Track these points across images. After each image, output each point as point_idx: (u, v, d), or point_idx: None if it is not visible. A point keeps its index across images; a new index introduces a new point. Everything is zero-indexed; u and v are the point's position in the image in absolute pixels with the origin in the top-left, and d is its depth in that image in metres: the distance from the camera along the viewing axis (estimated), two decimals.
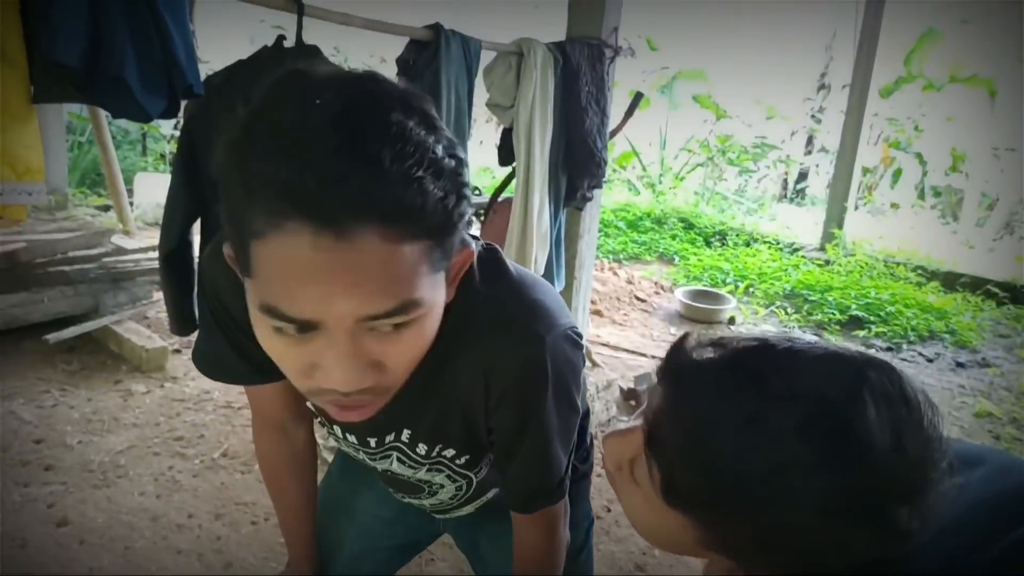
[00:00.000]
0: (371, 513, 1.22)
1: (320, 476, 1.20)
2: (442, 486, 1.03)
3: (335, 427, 0.97)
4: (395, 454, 0.97)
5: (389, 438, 0.94)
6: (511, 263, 0.87)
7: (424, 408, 0.88)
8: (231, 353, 0.91)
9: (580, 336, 0.88)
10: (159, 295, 3.46)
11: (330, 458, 1.29)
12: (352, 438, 0.96)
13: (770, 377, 0.59)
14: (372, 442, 0.95)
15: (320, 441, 1.84)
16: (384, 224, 0.58)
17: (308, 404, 1.00)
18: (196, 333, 0.98)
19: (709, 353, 0.64)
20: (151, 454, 2.58)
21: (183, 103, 1.75)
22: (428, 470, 0.98)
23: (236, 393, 2.99)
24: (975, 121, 7.57)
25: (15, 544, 2.06)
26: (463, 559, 1.33)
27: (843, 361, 0.60)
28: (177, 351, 3.32)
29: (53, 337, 3.13)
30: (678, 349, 0.67)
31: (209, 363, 0.95)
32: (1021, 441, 3.30)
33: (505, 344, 0.82)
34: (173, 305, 2.10)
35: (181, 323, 2.12)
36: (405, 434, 0.93)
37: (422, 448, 0.94)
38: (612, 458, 0.74)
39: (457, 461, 0.96)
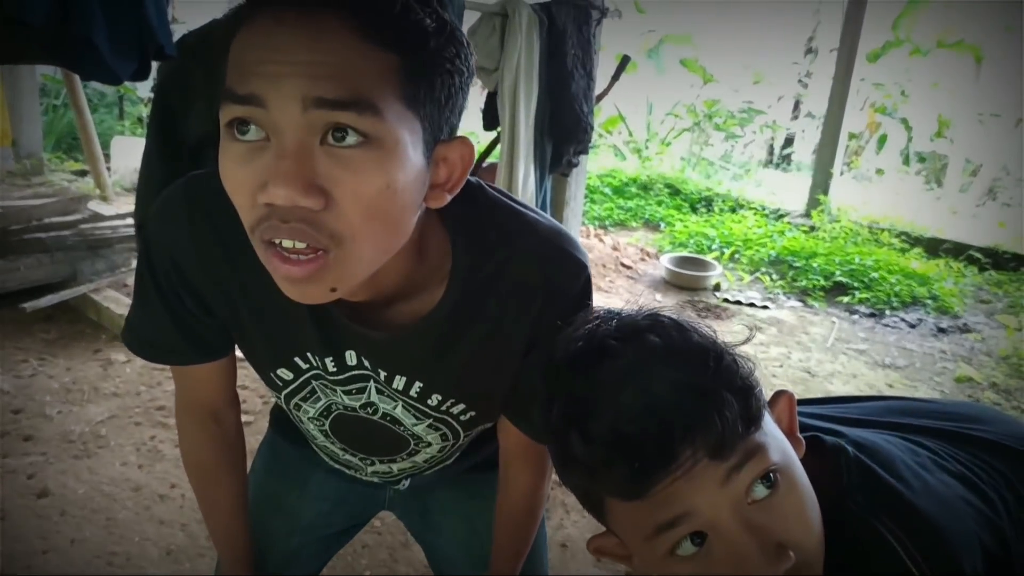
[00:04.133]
0: (306, 507, 1.15)
1: None
2: (429, 444, 0.98)
3: (347, 353, 0.85)
4: (402, 400, 0.91)
5: (400, 383, 0.87)
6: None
7: (454, 349, 0.83)
8: (172, 329, 0.86)
9: None
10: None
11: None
12: (368, 363, 0.87)
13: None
14: (388, 377, 0.87)
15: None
16: (351, 13, 0.59)
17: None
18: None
19: None
20: (132, 424, 2.56)
21: (155, 65, 1.69)
22: (429, 425, 0.94)
23: None
24: (961, 87, 7.55)
25: None
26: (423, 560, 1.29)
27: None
28: None
29: (30, 306, 3.08)
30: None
31: (144, 342, 0.89)
32: (1000, 405, 3.34)
33: (561, 279, 0.81)
34: None
35: None
36: (416, 387, 0.87)
37: (434, 400, 0.89)
38: (615, 555, 0.76)
39: (462, 418, 0.93)
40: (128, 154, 5.40)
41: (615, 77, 3.05)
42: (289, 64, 0.59)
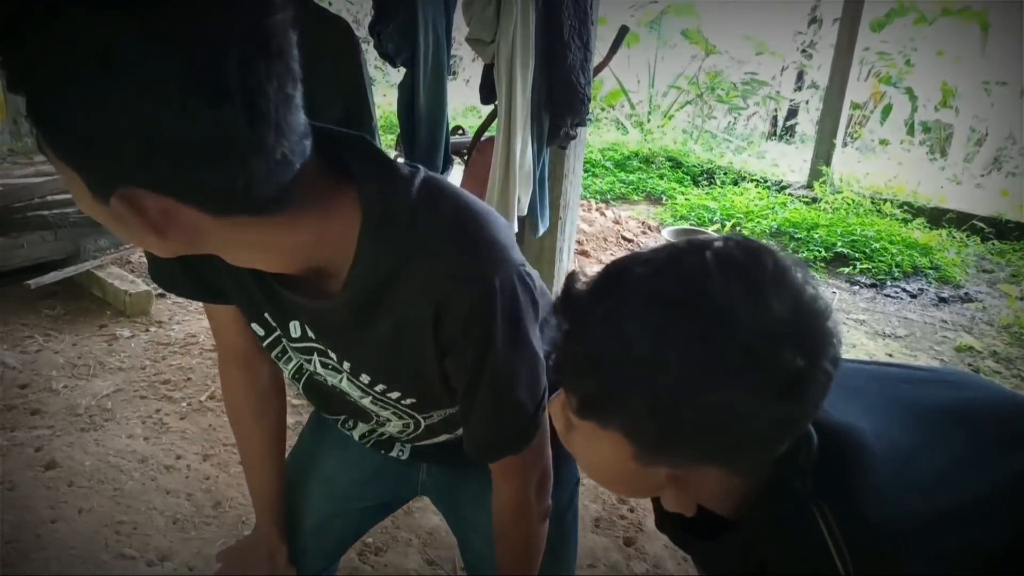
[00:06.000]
0: (342, 474, 1.17)
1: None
2: (388, 420, 0.99)
3: (291, 324, 0.87)
4: (345, 373, 0.91)
5: (334, 357, 0.89)
6: (463, 194, 0.83)
7: (369, 327, 0.82)
8: (180, 270, 0.89)
9: (531, 276, 0.83)
10: None
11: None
12: (312, 333, 0.88)
13: (623, 277, 0.65)
14: (330, 353, 0.89)
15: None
16: None
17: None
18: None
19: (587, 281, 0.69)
20: (138, 397, 2.59)
21: None
22: (373, 401, 0.94)
23: None
24: (966, 55, 7.46)
25: (3, 487, 2.08)
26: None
27: (688, 249, 0.64)
28: (161, 295, 3.30)
29: (35, 282, 3.10)
30: (566, 285, 0.70)
31: (163, 277, 0.92)
32: (1000, 374, 3.36)
33: (453, 282, 0.77)
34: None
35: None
36: (345, 365, 0.89)
37: (365, 378, 0.90)
38: (559, 420, 0.76)
39: (403, 403, 0.92)
40: None
41: (613, 48, 3.03)
42: None
